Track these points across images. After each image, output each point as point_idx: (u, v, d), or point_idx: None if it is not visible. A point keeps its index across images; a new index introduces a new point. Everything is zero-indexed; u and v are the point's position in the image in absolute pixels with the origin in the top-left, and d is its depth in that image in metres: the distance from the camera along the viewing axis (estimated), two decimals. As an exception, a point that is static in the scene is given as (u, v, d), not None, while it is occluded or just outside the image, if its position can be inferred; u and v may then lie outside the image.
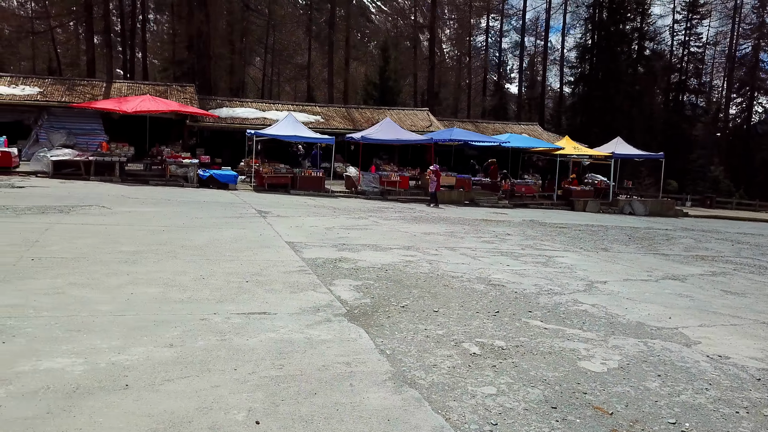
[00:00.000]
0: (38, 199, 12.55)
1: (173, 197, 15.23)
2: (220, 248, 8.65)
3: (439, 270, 8.27)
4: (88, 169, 17.88)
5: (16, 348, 4.33)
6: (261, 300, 6.09)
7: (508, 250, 10.70)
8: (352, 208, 16.73)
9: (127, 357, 4.33)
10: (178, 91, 25.41)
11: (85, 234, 8.89)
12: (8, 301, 5.37)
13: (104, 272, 6.67)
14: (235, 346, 4.72)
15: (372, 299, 6.44)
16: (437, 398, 4.04)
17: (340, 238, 10.46)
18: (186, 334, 4.90)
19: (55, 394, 3.65)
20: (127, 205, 12.67)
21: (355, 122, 27.81)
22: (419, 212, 17.21)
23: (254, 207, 14.40)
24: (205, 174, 19.18)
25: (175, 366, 4.24)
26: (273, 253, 8.58)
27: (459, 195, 22.48)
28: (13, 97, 22.00)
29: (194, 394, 3.82)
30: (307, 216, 13.53)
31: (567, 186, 25.58)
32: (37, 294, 5.66)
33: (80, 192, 14.53)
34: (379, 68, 37.34)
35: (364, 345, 5.00)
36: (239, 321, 5.36)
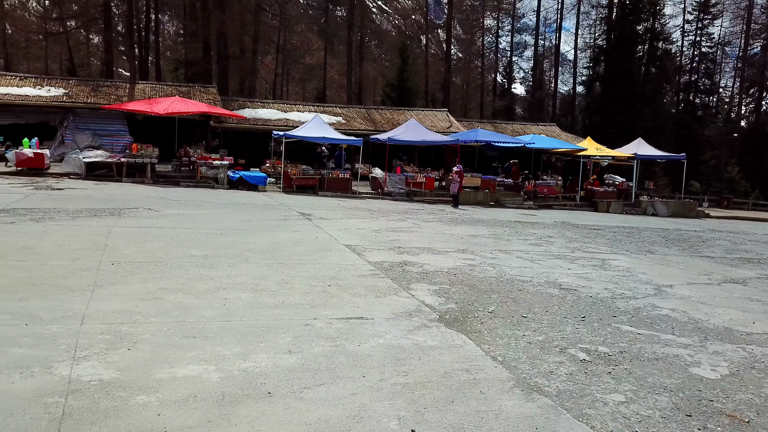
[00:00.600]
0: (83, 201, 12.58)
1: (211, 199, 15.25)
2: (285, 252, 8.67)
3: (506, 274, 8.28)
4: (120, 171, 17.92)
5: (145, 355, 4.36)
6: (351, 305, 6.11)
7: (559, 253, 10.71)
8: (385, 209, 16.74)
9: (255, 364, 4.35)
10: (201, 92, 25.43)
11: (148, 237, 8.92)
12: (113, 307, 5.40)
13: (188, 277, 6.70)
14: (351, 352, 4.75)
15: (456, 304, 6.46)
16: (571, 406, 4.06)
17: (392, 241, 10.48)
18: (298, 340, 4.92)
19: (205, 402, 3.68)
20: (171, 207, 12.69)
21: (376, 123, 27.83)
22: (451, 214, 17.21)
23: (294, 209, 14.42)
24: (235, 176, 19.21)
25: (304, 373, 4.26)
26: (338, 257, 8.60)
27: (485, 196, 22.48)
28: (40, 99, 22.05)
29: (337, 402, 3.85)
30: (349, 218, 13.54)
31: (590, 187, 25.54)
32: (135, 300, 5.69)
33: (119, 194, 14.56)
34: (398, 69, 37.32)
35: (473, 351, 5.02)
36: (341, 326, 5.39)
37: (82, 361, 4.15)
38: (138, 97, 23.90)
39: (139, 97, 23.94)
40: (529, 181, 25.05)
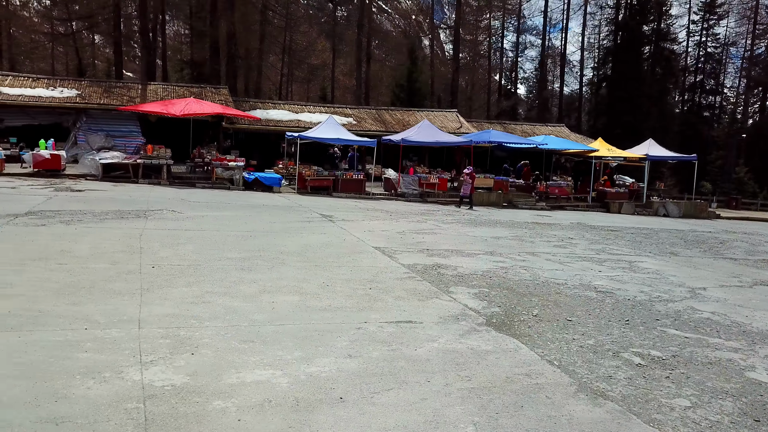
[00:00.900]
0: (106, 203, 12.59)
1: (230, 201, 15.26)
2: (318, 254, 8.68)
3: (540, 277, 8.28)
4: (136, 172, 17.94)
5: (209, 360, 4.38)
6: (397, 308, 6.12)
7: (585, 255, 10.71)
8: (402, 211, 16.74)
9: (319, 368, 4.37)
10: (213, 93, 25.44)
11: (180, 240, 8.93)
12: (166, 311, 5.41)
13: (230, 280, 6.71)
14: (409, 357, 4.76)
15: (500, 308, 6.46)
16: (639, 411, 4.07)
17: (418, 243, 10.48)
18: (355, 344, 4.94)
19: (281, 408, 3.69)
20: (193, 209, 12.70)
21: (387, 124, 27.83)
22: (467, 215, 17.21)
23: (314, 211, 14.43)
24: (250, 177, 19.21)
25: (369, 378, 4.28)
26: (371, 260, 8.61)
27: (498, 197, 22.48)
28: (53, 100, 22.06)
29: (410, 407, 3.86)
30: (370, 220, 13.54)
31: (601, 188, 25.54)
32: (185, 303, 5.70)
33: (139, 196, 14.57)
34: (407, 70, 37.33)
35: (528, 356, 5.03)
36: (393, 330, 5.40)
37: (150, 366, 4.16)
38: (150, 98, 23.91)
39: (152, 98, 23.95)
40: (540, 182, 25.04)
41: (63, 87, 23.31)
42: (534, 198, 23.73)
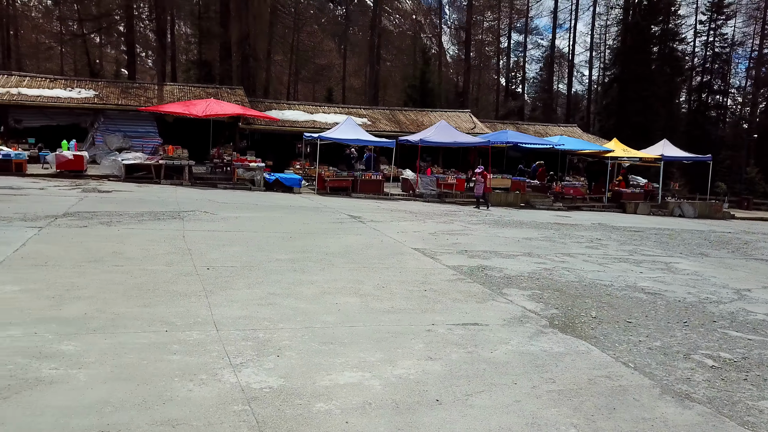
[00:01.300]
0: (137, 204, 12.63)
1: (257, 202, 15.30)
2: (362, 255, 8.72)
3: (585, 278, 8.31)
4: (158, 173, 17.98)
5: (296, 362, 4.41)
6: (458, 310, 6.16)
7: (619, 256, 10.73)
8: (426, 212, 16.77)
9: (405, 371, 4.40)
10: (229, 94, 25.48)
11: (224, 241, 8.97)
12: (236, 313, 5.45)
13: (288, 282, 6.75)
14: (488, 359, 4.79)
15: (557, 310, 6.49)
16: (729, 413, 4.11)
17: (454, 244, 10.51)
18: (431, 347, 4.97)
19: (383, 410, 3.73)
20: (224, 210, 12.73)
21: (401, 124, 27.86)
22: (489, 216, 17.20)
23: (341, 212, 14.46)
24: (271, 178, 19.25)
25: (457, 380, 4.31)
26: (415, 261, 8.65)
27: (515, 198, 22.51)
28: (71, 101, 22.12)
29: (506, 409, 3.89)
30: (398, 221, 13.57)
31: (616, 188, 25.56)
32: (252, 305, 5.74)
33: (167, 197, 14.61)
34: (420, 71, 37.37)
35: (602, 358, 5.06)
36: (462, 332, 5.43)
37: (242, 368, 4.20)
38: (167, 99, 23.96)
39: (168, 99, 24.00)
40: (556, 183, 25.06)
41: (80, 88, 23.36)
42: (550, 198, 23.75)
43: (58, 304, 5.32)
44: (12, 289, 5.65)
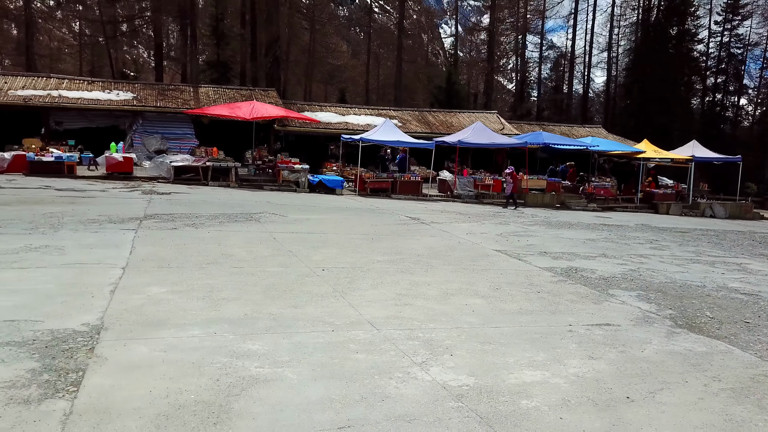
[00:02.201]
0: (204, 206, 12.82)
1: (312, 203, 15.48)
2: (452, 257, 8.89)
3: (675, 279, 8.46)
4: (206, 175, 18.17)
5: (472, 360, 4.59)
6: (582, 311, 6.32)
7: (689, 257, 10.87)
8: (473, 213, 16.92)
9: (578, 369, 4.57)
10: (262, 95, 25.67)
11: (314, 243, 9.15)
12: (382, 313, 5.63)
13: (405, 283, 6.92)
14: (643, 358, 4.96)
15: (671, 310, 6.65)
16: None
17: (529, 246, 10.67)
18: (585, 346, 5.13)
19: (585, 407, 3.90)
20: (289, 212, 12.91)
21: (431, 125, 28.03)
22: (533, 216, 17.29)
23: (398, 213, 14.63)
24: (315, 179, 19.44)
25: (629, 378, 4.48)
26: (506, 263, 8.81)
27: (551, 198, 22.66)
28: (111, 103, 22.34)
29: (695, 406, 4.06)
30: (456, 222, 13.74)
31: (647, 189, 25.69)
32: (391, 306, 5.92)
33: (226, 198, 14.81)
34: (447, 72, 37.54)
35: (746, 357, 5.21)
36: (601, 332, 5.59)
37: (428, 367, 4.37)
38: (203, 101, 24.18)
39: (204, 101, 24.22)
40: (588, 184, 25.19)
41: (118, 90, 23.59)
42: (584, 199, 23.89)
43: (212, 305, 5.50)
44: (159, 291, 5.83)
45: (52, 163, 16.92)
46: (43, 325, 4.66)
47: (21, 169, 16.81)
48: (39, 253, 7.05)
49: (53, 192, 13.40)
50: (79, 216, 10.08)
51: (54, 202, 11.74)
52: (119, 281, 6.07)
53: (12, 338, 4.34)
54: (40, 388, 3.57)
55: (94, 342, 4.38)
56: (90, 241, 8.04)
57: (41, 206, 10.98)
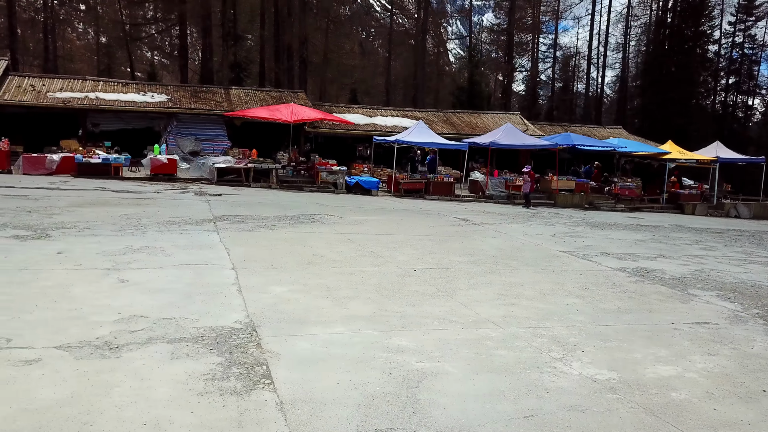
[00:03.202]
0: (262, 207, 13.15)
1: (358, 204, 15.80)
2: (523, 257, 9.20)
3: (743, 279, 8.76)
4: (248, 176, 18.51)
5: (606, 356, 4.89)
6: (674, 310, 6.62)
7: (741, 258, 11.16)
8: (511, 213, 17.21)
9: (705, 365, 4.88)
10: (292, 97, 25.99)
11: (389, 244, 9.46)
12: (496, 312, 5.94)
13: (499, 283, 7.23)
14: (758, 355, 5.25)
15: (758, 309, 6.94)
16: None
17: (588, 247, 10.96)
18: (697, 342, 5.44)
19: (733, 399, 4.20)
20: (344, 213, 13.22)
21: (456, 126, 28.32)
22: (570, 217, 17.51)
23: (443, 214, 14.95)
24: (352, 180, 19.76)
25: (762, 373, 4.77)
26: (577, 263, 9.11)
27: (580, 199, 22.95)
28: (147, 105, 22.70)
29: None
30: (504, 223, 14.03)
31: (673, 190, 25.95)
32: (500, 305, 6.23)
33: (275, 199, 15.15)
34: (469, 72, 37.86)
35: None
36: (704, 330, 5.89)
37: (570, 362, 4.68)
38: (235, 102, 24.52)
39: (236, 102, 24.55)
40: (614, 184, 25.46)
41: (152, 92, 23.93)
42: (612, 200, 24.16)
43: (338, 303, 5.82)
44: (282, 290, 6.16)
45: (99, 165, 17.27)
46: (200, 323, 4.99)
47: (69, 170, 17.17)
48: (145, 254, 7.38)
49: (112, 194, 13.74)
50: (154, 218, 10.41)
51: (120, 204, 12.08)
52: (238, 281, 6.39)
53: (182, 335, 4.66)
54: (239, 380, 3.89)
55: (256, 338, 4.70)
56: (181, 242, 8.36)
57: (112, 208, 11.31)
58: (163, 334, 4.64)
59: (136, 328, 4.74)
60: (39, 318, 4.84)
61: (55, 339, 4.41)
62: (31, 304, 5.17)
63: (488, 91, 37.41)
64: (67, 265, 6.61)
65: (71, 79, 24.17)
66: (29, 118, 22.10)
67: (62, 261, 6.80)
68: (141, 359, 4.14)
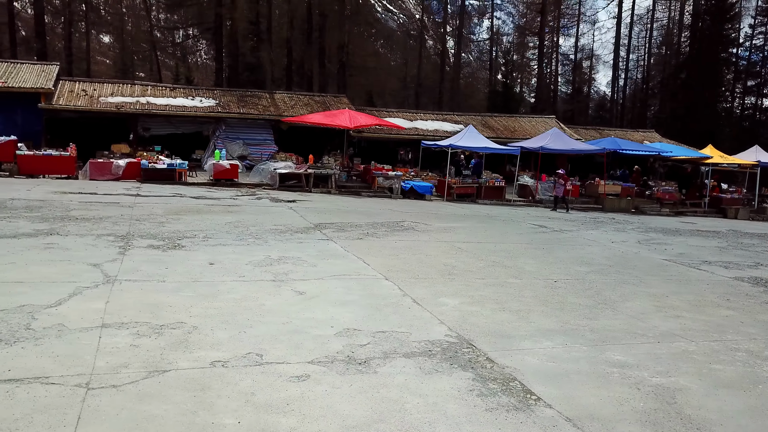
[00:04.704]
0: (342, 214, 13.29)
1: (427, 210, 15.94)
2: (637, 267, 9.33)
3: None
4: (308, 182, 18.66)
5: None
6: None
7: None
8: (574, 218, 17.30)
9: None
10: (335, 102, 26.17)
11: (497, 252, 9.60)
12: (676, 325, 6.05)
13: (644, 294, 7.36)
14: None
15: None
16: None
17: (683, 254, 11.10)
18: None
19: None
20: (424, 219, 13.36)
21: (495, 130, 28.42)
22: (626, 222, 17.59)
23: (516, 220, 15.06)
24: (407, 185, 19.90)
25: None
26: (691, 272, 9.23)
27: (627, 203, 23.06)
28: (197, 109, 22.86)
29: None
30: (584, 229, 14.15)
31: (715, 194, 26.05)
32: (672, 318, 6.35)
33: (346, 205, 15.30)
34: (503, 76, 38.04)
35: None
36: None
37: None
38: (280, 107, 24.68)
39: (282, 107, 24.72)
40: (658, 188, 25.56)
41: (200, 96, 24.11)
42: (657, 204, 24.27)
43: (519, 317, 5.96)
44: (455, 302, 6.30)
45: (164, 170, 17.44)
46: (413, 336, 5.12)
47: (135, 175, 17.34)
48: (291, 265, 7.52)
49: (193, 200, 13.89)
50: (259, 226, 10.56)
51: (212, 211, 12.23)
52: (405, 292, 6.53)
53: (410, 349, 4.80)
54: (507, 396, 4.03)
55: (479, 353, 4.84)
56: (310, 251, 8.50)
57: (209, 216, 11.46)
58: (392, 348, 4.78)
59: (362, 342, 4.88)
60: (263, 332, 4.98)
61: (300, 354, 4.55)
62: (241, 318, 5.31)
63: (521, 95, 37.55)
64: (231, 277, 6.76)
65: (120, 83, 24.36)
66: (81, 122, 22.28)
67: (222, 272, 6.94)
68: (398, 374, 4.28)
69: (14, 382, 3.74)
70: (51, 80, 21.76)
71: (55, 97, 21.37)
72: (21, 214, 10.00)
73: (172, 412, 3.51)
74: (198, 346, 4.57)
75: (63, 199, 12.41)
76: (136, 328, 4.87)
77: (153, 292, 5.95)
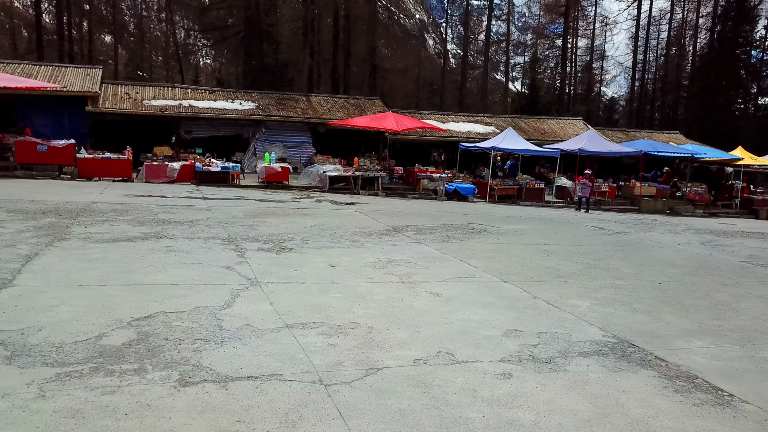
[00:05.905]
0: (406, 217, 13.56)
1: (479, 212, 16.21)
2: (723, 270, 9.58)
3: None
4: (356, 184, 18.94)
5: None
6: None
7: None
8: (620, 219, 17.57)
9: None
10: (369, 104, 26.47)
11: (581, 254, 9.87)
12: None
13: (758, 297, 7.61)
14: None
15: None
16: None
17: (753, 257, 11.36)
18: None
19: None
20: (486, 222, 13.63)
21: (525, 132, 28.66)
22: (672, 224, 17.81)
23: (571, 221, 15.32)
24: (450, 187, 20.18)
25: None
26: (776, 274, 9.49)
27: (662, 205, 23.33)
28: (238, 112, 23.16)
29: None
30: (641, 231, 14.42)
31: (747, 195, 26.30)
32: None
33: (404, 208, 15.58)
34: (531, 78, 38.32)
35: None
36: None
37: None
38: (318, 109, 24.99)
39: (319, 109, 25.03)
40: (689, 189, 25.80)
41: (240, 99, 24.41)
42: (691, 205, 24.51)
43: (654, 318, 6.23)
44: (587, 304, 6.57)
45: (218, 173, 17.74)
46: (574, 336, 5.41)
47: (189, 178, 17.63)
48: (404, 267, 7.80)
49: (260, 203, 14.17)
50: (343, 229, 10.85)
51: (287, 214, 12.52)
52: (533, 295, 6.81)
53: (582, 348, 5.08)
54: (704, 393, 4.30)
55: (646, 351, 5.12)
56: (409, 253, 8.79)
57: (290, 218, 11.75)
58: (564, 348, 5.06)
59: (533, 343, 5.16)
60: (434, 332, 5.26)
61: (486, 353, 4.82)
62: (405, 318, 5.59)
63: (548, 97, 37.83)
64: (360, 279, 7.04)
65: (161, 86, 24.66)
66: (124, 125, 22.59)
67: (347, 274, 7.22)
68: (589, 372, 4.56)
69: (256, 379, 4.02)
70: (96, 83, 22.08)
71: (101, 100, 21.67)
72: (115, 218, 10.29)
73: (415, 406, 3.79)
74: (389, 345, 4.85)
75: (140, 202, 12.70)
76: (319, 328, 5.15)
77: (304, 293, 6.23)
